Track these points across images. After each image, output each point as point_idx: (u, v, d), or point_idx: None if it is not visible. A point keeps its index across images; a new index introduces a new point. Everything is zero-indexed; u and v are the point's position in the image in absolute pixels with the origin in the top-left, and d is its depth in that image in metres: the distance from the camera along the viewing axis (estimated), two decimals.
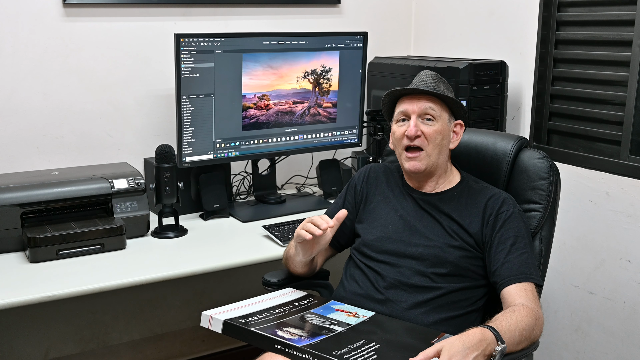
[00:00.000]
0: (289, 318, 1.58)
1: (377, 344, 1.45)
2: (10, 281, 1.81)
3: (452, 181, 1.79)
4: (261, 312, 1.61)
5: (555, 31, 2.45)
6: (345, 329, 1.53)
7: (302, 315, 1.61)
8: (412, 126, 1.69)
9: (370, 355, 1.40)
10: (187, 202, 2.37)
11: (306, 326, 1.54)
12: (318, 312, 1.63)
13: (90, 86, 2.42)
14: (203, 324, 1.61)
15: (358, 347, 1.43)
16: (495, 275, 1.62)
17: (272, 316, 1.59)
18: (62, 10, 2.33)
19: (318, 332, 1.51)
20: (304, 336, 1.47)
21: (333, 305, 1.69)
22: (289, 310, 1.64)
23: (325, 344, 1.44)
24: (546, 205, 1.78)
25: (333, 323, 1.56)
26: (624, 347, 2.27)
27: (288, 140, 2.53)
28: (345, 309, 1.66)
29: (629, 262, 2.22)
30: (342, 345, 1.44)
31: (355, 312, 1.63)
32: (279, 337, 1.46)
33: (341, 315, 1.61)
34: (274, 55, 2.40)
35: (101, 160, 2.46)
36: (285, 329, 1.51)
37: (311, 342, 1.44)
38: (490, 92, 2.44)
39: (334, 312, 1.64)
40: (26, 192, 2.00)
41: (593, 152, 2.36)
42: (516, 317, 1.49)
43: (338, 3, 2.86)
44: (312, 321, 1.57)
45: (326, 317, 1.60)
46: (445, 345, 1.35)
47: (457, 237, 1.68)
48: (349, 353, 1.40)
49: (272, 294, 1.75)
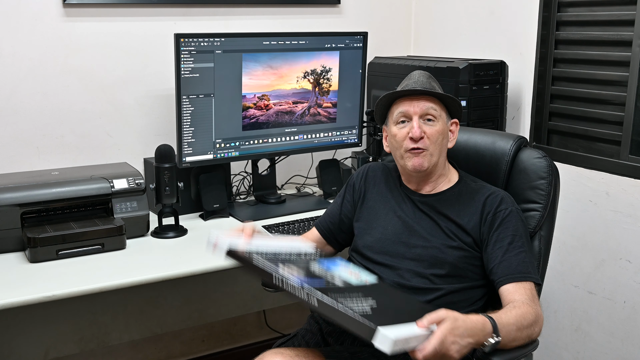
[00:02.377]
0: (293, 263, 1.55)
1: (373, 301, 1.41)
2: (10, 281, 1.81)
3: (450, 180, 1.78)
4: (267, 253, 1.57)
5: (555, 31, 2.45)
6: (345, 286, 1.50)
7: (307, 265, 1.57)
8: (416, 127, 1.67)
9: (364, 306, 1.36)
10: (187, 202, 2.37)
11: (308, 273, 1.51)
12: (322, 264, 1.60)
13: (90, 86, 2.42)
14: (208, 246, 1.59)
15: (353, 297, 1.40)
16: (492, 273, 1.62)
17: (276, 259, 1.56)
18: (62, 10, 2.33)
19: (318, 279, 1.48)
20: (303, 277, 1.44)
21: (339, 261, 1.66)
22: (294, 258, 1.61)
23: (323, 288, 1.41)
24: (545, 205, 1.78)
25: (334, 277, 1.53)
26: (623, 347, 2.27)
27: (288, 140, 2.53)
28: (350, 268, 1.62)
29: (629, 262, 2.22)
30: (339, 293, 1.41)
31: (358, 273, 1.60)
32: (279, 272, 1.43)
33: (344, 273, 1.58)
34: (274, 55, 2.40)
35: (101, 160, 2.46)
36: (287, 269, 1.47)
37: (309, 284, 1.40)
38: (490, 92, 2.44)
39: (338, 267, 1.60)
40: (26, 192, 2.00)
41: (593, 152, 2.36)
42: (516, 312, 1.49)
43: (338, 3, 2.86)
44: (314, 271, 1.54)
45: (329, 271, 1.57)
46: (448, 318, 1.32)
47: (455, 238, 1.68)
48: (344, 297, 1.36)
49: (283, 237, 1.69)
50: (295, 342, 1.75)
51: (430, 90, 1.70)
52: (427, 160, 1.70)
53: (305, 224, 2.24)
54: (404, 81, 1.77)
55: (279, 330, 2.88)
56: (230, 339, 2.88)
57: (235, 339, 2.89)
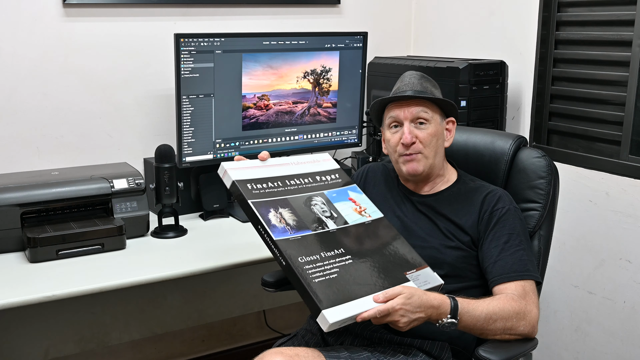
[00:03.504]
0: (294, 196, 1.57)
1: (349, 259, 1.47)
2: (10, 281, 1.81)
3: (448, 180, 1.78)
4: (275, 179, 1.59)
5: (555, 31, 2.45)
6: (337, 228, 1.54)
7: (311, 195, 1.59)
8: (407, 133, 1.68)
9: (330, 272, 1.43)
10: (187, 202, 2.37)
11: (302, 214, 1.54)
12: (330, 195, 1.62)
13: (90, 86, 2.42)
14: (219, 172, 1.61)
15: (328, 257, 1.46)
16: (487, 272, 1.62)
17: (281, 189, 1.57)
18: (62, 10, 2.33)
19: (308, 225, 1.51)
20: (289, 226, 1.49)
21: (350, 190, 1.68)
22: (304, 184, 1.62)
23: (300, 244, 1.46)
24: (545, 205, 1.78)
25: (332, 216, 1.56)
26: (623, 347, 2.27)
27: (288, 140, 2.54)
28: (357, 199, 1.64)
29: (629, 262, 2.22)
30: (316, 250, 1.46)
31: (364, 208, 1.62)
32: (264, 221, 1.47)
33: (348, 208, 1.60)
34: (274, 55, 2.40)
35: (101, 160, 2.46)
36: (279, 210, 1.51)
37: (288, 237, 1.45)
38: (490, 92, 2.44)
39: (346, 200, 1.62)
40: (26, 192, 2.00)
41: (593, 152, 2.36)
42: (490, 302, 1.52)
43: (338, 3, 2.86)
44: (314, 207, 1.56)
45: (332, 205, 1.58)
46: (404, 292, 1.42)
47: (453, 238, 1.68)
48: (313, 263, 1.43)
49: (303, 158, 1.72)
50: (295, 342, 1.75)
51: (419, 95, 1.69)
52: (422, 164, 1.70)
53: None
54: (397, 83, 1.77)
55: (279, 330, 2.88)
56: (230, 339, 2.88)
57: (235, 339, 2.89)
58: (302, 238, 1.47)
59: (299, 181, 1.62)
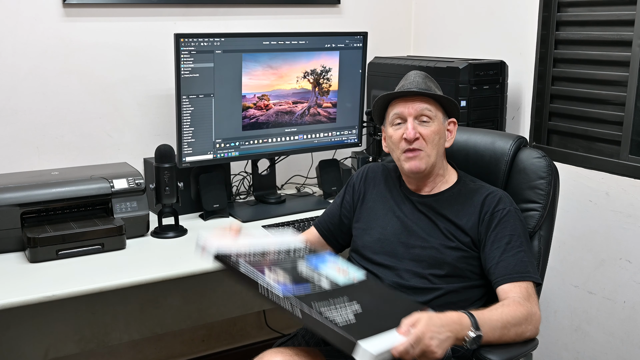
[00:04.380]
0: (279, 263, 1.56)
1: (358, 306, 1.44)
2: (10, 281, 1.81)
3: (449, 181, 1.79)
4: (255, 254, 1.58)
5: (555, 31, 2.45)
6: (331, 288, 1.51)
7: (294, 265, 1.58)
8: (411, 129, 1.68)
9: (347, 314, 1.39)
10: (187, 202, 2.37)
11: (294, 276, 1.53)
12: (311, 262, 1.61)
13: (90, 86, 2.42)
14: (197, 249, 1.60)
15: (339, 303, 1.43)
16: (490, 273, 1.63)
17: (263, 259, 1.57)
18: (62, 10, 2.33)
19: (304, 283, 1.50)
20: (289, 284, 1.46)
21: (328, 256, 1.66)
22: (282, 258, 1.62)
23: (308, 295, 1.43)
24: (545, 205, 1.78)
25: (322, 278, 1.54)
26: (623, 347, 2.27)
27: (288, 140, 2.54)
28: (338, 264, 1.63)
29: (629, 262, 2.22)
30: (324, 298, 1.43)
31: (346, 270, 1.60)
32: (264, 283, 1.45)
33: (332, 271, 1.59)
34: (274, 55, 2.40)
35: (101, 160, 2.46)
36: (272, 274, 1.49)
37: (294, 293, 1.42)
38: (490, 92, 2.44)
39: (326, 264, 1.61)
40: (26, 192, 2.00)
41: (593, 152, 2.36)
42: (502, 309, 1.50)
43: (338, 3, 2.86)
44: (302, 273, 1.55)
45: (316, 271, 1.57)
46: (423, 317, 1.36)
47: (453, 238, 1.68)
48: (327, 306, 1.39)
49: (273, 234, 1.71)
50: (295, 342, 1.75)
51: (425, 91, 1.70)
52: (424, 161, 1.70)
53: (305, 224, 2.24)
54: (401, 82, 1.77)
55: (279, 330, 2.88)
56: (230, 339, 2.88)
57: (235, 339, 2.89)
58: (305, 294, 1.45)
59: (277, 256, 1.63)
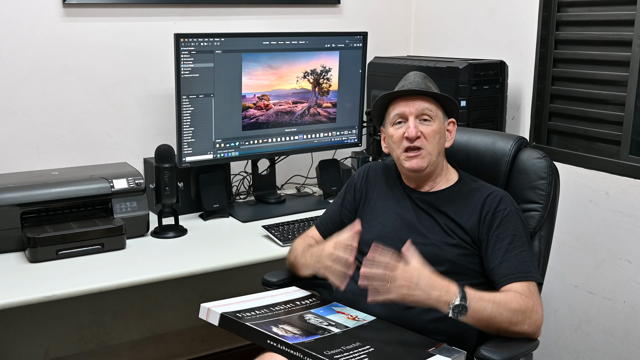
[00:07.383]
0: (287, 316, 1.58)
1: (370, 348, 1.45)
2: (10, 281, 1.81)
3: (449, 180, 1.79)
4: (260, 308, 1.60)
5: (555, 31, 2.45)
6: (342, 330, 1.53)
7: (301, 314, 1.61)
8: (412, 127, 1.69)
9: (362, 358, 1.40)
10: (187, 202, 2.37)
11: (303, 325, 1.54)
12: (318, 312, 1.63)
13: (90, 86, 2.42)
14: (201, 316, 1.61)
15: (351, 349, 1.43)
16: (493, 274, 1.63)
17: (270, 313, 1.59)
18: (62, 10, 2.33)
19: (314, 331, 1.51)
20: (298, 334, 1.47)
21: (334, 307, 1.69)
22: (289, 308, 1.64)
23: (319, 343, 1.44)
24: (545, 205, 1.78)
25: (331, 324, 1.56)
26: (623, 347, 2.27)
27: (288, 140, 2.53)
28: (346, 311, 1.65)
29: (629, 262, 2.22)
30: (335, 345, 1.44)
31: (355, 316, 1.63)
32: (272, 334, 1.45)
33: (341, 317, 1.61)
34: (274, 55, 2.40)
35: (101, 160, 2.46)
36: (281, 326, 1.51)
37: (304, 341, 1.43)
38: (490, 92, 2.44)
39: (334, 313, 1.64)
40: (26, 192, 2.00)
41: (593, 152, 2.36)
42: (496, 294, 1.52)
43: (338, 3, 2.86)
44: (309, 321, 1.57)
45: (325, 318, 1.60)
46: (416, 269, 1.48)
47: (454, 235, 1.69)
48: (340, 354, 1.40)
49: (275, 292, 1.75)
50: None
51: (426, 90, 1.71)
52: (425, 160, 1.71)
53: (305, 224, 2.24)
54: (400, 82, 1.78)
55: None
56: (230, 339, 2.87)
57: (235, 339, 2.89)
58: (315, 340, 1.45)
59: (283, 307, 1.64)
